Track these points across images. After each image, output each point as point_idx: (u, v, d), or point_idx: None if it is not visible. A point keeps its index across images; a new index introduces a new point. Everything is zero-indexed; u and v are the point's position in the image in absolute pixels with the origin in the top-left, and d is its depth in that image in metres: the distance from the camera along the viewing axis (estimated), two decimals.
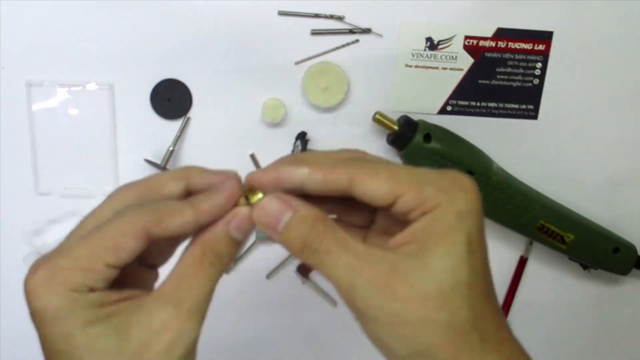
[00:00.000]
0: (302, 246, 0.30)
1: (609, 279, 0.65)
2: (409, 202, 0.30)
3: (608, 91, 0.60)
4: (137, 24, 0.55)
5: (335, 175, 0.31)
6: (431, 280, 0.29)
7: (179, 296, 0.30)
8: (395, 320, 0.29)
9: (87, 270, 0.29)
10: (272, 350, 0.64)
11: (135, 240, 0.29)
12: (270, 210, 0.31)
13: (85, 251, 0.29)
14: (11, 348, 0.62)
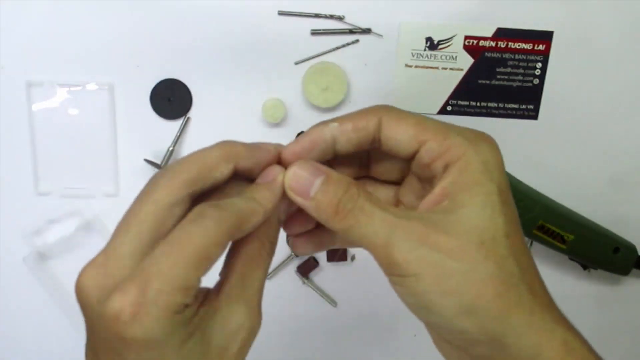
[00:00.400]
0: (335, 209, 0.29)
1: (609, 279, 0.65)
2: (434, 149, 0.29)
3: (608, 91, 0.60)
4: (137, 24, 0.55)
5: (364, 120, 0.30)
6: (472, 231, 0.28)
7: (248, 294, 0.29)
8: (440, 273, 0.27)
9: (186, 289, 0.26)
10: (272, 350, 0.64)
11: (222, 249, 0.28)
12: (301, 176, 0.30)
13: (181, 268, 0.26)
14: (11, 348, 0.62)
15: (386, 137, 0.30)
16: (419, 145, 0.30)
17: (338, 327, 0.63)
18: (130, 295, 0.25)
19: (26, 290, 0.60)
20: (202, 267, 0.27)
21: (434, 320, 0.29)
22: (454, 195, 0.28)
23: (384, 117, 0.30)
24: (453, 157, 0.29)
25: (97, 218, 0.59)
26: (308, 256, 0.61)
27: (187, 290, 0.26)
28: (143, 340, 0.25)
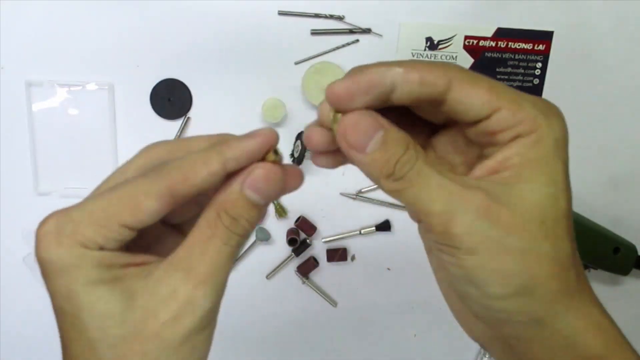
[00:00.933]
0: (392, 169, 0.27)
1: (609, 279, 0.65)
2: (506, 118, 0.27)
3: (608, 91, 0.60)
4: (137, 24, 0.55)
5: (434, 75, 0.27)
6: (535, 208, 0.26)
7: (190, 262, 0.27)
8: (497, 249, 0.26)
9: (99, 227, 0.26)
10: (272, 350, 0.64)
11: (157, 201, 0.26)
12: (361, 126, 0.27)
13: (101, 206, 0.27)
14: (11, 348, 0.62)
15: (456, 99, 0.27)
16: (490, 112, 0.27)
17: (338, 327, 0.63)
18: (51, 218, 0.27)
19: (26, 290, 0.60)
20: (126, 213, 0.26)
21: (477, 295, 0.27)
22: (520, 169, 0.27)
23: (456, 78, 0.27)
24: (525, 130, 0.27)
25: None
26: (308, 257, 0.61)
27: (101, 229, 0.26)
28: (48, 262, 0.26)
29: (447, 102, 0.28)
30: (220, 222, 0.27)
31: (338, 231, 0.61)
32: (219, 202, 0.28)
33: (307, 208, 0.60)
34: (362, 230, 0.61)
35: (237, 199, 0.28)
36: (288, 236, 0.60)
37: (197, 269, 0.27)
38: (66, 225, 0.26)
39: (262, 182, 0.28)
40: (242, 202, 0.28)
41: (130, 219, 0.26)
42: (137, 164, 0.29)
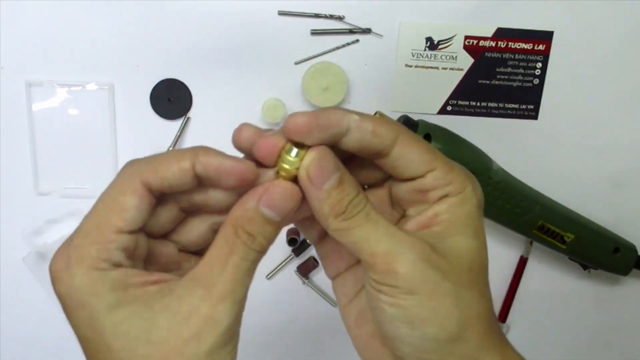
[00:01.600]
0: (344, 208, 0.28)
1: (609, 279, 0.65)
2: (439, 178, 0.30)
3: (608, 91, 0.60)
4: (137, 24, 0.55)
5: (385, 128, 0.29)
6: (464, 258, 0.29)
7: (210, 279, 0.27)
8: (435, 291, 0.28)
9: (99, 242, 0.27)
10: (272, 350, 0.64)
11: (135, 196, 0.27)
12: (324, 162, 0.28)
13: (92, 222, 0.27)
14: (11, 348, 0.62)
15: (399, 153, 0.30)
16: (426, 171, 0.30)
17: (338, 327, 0.63)
18: (58, 254, 0.27)
19: (26, 290, 0.60)
20: (116, 218, 0.27)
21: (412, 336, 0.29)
22: (449, 224, 0.30)
23: (402, 135, 0.30)
24: (454, 190, 0.30)
25: None
26: (308, 257, 0.61)
27: (103, 244, 0.26)
28: (66, 295, 0.26)
29: (390, 156, 0.30)
30: (238, 238, 0.28)
31: None
32: (235, 218, 0.28)
33: None
34: None
35: (253, 216, 0.28)
36: (288, 236, 0.60)
37: (217, 285, 0.27)
38: (72, 255, 0.27)
39: (278, 199, 0.28)
40: (259, 219, 0.28)
41: (119, 222, 0.27)
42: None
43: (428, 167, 0.30)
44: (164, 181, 0.28)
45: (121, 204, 0.27)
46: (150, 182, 0.27)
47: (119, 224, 0.27)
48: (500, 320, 0.65)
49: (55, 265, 0.27)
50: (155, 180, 0.27)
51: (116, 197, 0.27)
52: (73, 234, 0.28)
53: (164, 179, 0.27)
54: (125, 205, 0.27)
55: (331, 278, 0.35)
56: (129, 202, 0.27)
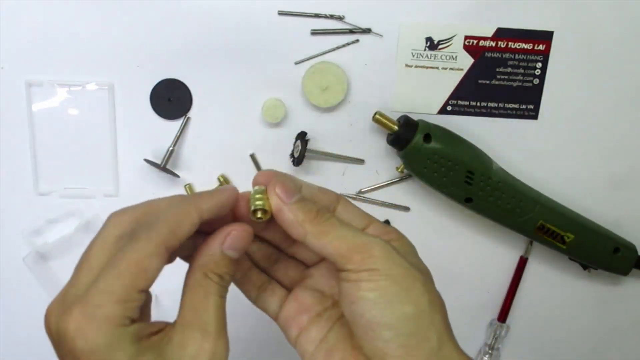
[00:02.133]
0: (314, 215, 0.34)
1: (609, 279, 0.65)
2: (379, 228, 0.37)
3: (608, 91, 0.60)
4: (137, 24, 0.55)
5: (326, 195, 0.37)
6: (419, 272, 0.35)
7: (201, 320, 0.31)
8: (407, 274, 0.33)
9: (125, 302, 0.29)
10: (272, 350, 0.64)
11: (159, 259, 0.30)
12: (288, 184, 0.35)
13: (118, 283, 0.29)
14: (11, 348, 0.62)
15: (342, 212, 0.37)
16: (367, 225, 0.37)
17: None
18: (74, 313, 0.29)
19: (26, 290, 0.60)
20: (139, 280, 0.29)
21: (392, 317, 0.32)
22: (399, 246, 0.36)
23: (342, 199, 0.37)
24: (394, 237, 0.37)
25: (97, 218, 0.59)
26: None
27: (126, 304, 0.29)
28: (90, 351, 0.28)
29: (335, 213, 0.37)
30: (210, 280, 0.32)
31: None
32: (203, 265, 0.33)
33: None
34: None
35: (220, 260, 0.33)
36: None
37: (209, 325, 0.32)
38: (96, 311, 0.28)
39: (239, 241, 0.33)
40: (225, 261, 0.33)
41: (143, 283, 0.30)
42: (113, 234, 0.32)
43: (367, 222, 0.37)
44: (180, 240, 0.31)
45: (147, 266, 0.30)
46: (170, 243, 0.31)
47: (142, 284, 0.30)
48: (500, 320, 0.65)
49: (74, 320, 0.28)
50: (174, 241, 0.31)
51: (142, 260, 0.29)
52: (91, 291, 0.29)
53: (180, 238, 0.31)
54: (151, 268, 0.30)
55: (294, 340, 0.39)
56: (155, 266, 0.30)
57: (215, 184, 0.59)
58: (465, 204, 0.57)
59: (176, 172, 0.58)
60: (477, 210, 0.58)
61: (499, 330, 0.65)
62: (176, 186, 0.59)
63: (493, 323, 0.65)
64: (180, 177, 0.59)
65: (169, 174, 0.58)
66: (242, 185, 0.59)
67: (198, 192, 0.36)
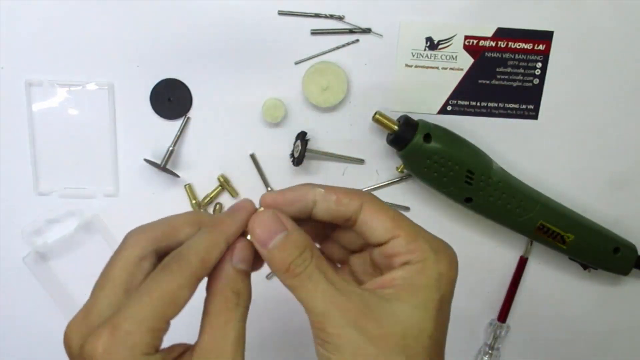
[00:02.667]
0: (286, 268, 0.32)
1: (609, 279, 0.65)
2: (401, 245, 0.33)
3: (608, 91, 0.60)
4: (136, 23, 0.55)
5: (348, 198, 0.33)
6: (398, 325, 0.31)
7: (220, 348, 0.31)
8: (358, 354, 0.31)
9: (154, 331, 0.29)
10: (272, 351, 0.64)
11: (190, 290, 0.30)
12: (266, 225, 0.33)
13: (149, 312, 0.29)
14: (11, 348, 0.62)
15: (363, 221, 0.34)
16: (390, 238, 0.33)
17: None
18: (103, 337, 0.28)
19: (26, 290, 0.60)
20: (170, 310, 0.30)
21: None
22: (400, 289, 0.32)
23: (366, 204, 0.34)
24: (414, 259, 0.32)
25: (97, 218, 0.59)
26: None
27: (155, 332, 0.29)
28: None
29: (357, 223, 0.34)
30: (231, 303, 0.32)
31: None
32: (221, 288, 0.32)
33: None
34: None
35: (234, 276, 0.33)
36: None
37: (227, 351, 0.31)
38: (126, 339, 0.29)
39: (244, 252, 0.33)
40: (239, 276, 0.33)
41: (173, 313, 0.30)
42: (134, 254, 0.32)
43: (391, 234, 0.33)
44: (210, 269, 0.32)
45: (179, 297, 0.30)
46: (201, 274, 0.31)
47: (171, 314, 0.30)
48: (500, 320, 0.65)
49: (103, 347, 0.28)
50: (204, 271, 0.31)
51: (174, 291, 0.30)
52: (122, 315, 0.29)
53: (210, 268, 0.32)
54: (183, 298, 0.30)
55: None
56: (186, 297, 0.30)
57: (215, 184, 0.59)
58: (465, 204, 0.57)
59: (176, 172, 0.58)
60: (477, 210, 0.58)
61: (499, 330, 0.65)
62: (176, 186, 0.59)
63: (493, 323, 0.66)
64: (180, 177, 0.59)
65: (169, 174, 0.58)
66: (242, 185, 0.60)
67: (219, 215, 0.35)
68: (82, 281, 0.33)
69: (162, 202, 0.59)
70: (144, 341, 0.29)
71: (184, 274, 0.30)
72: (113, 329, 0.29)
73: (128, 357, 0.28)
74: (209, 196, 0.59)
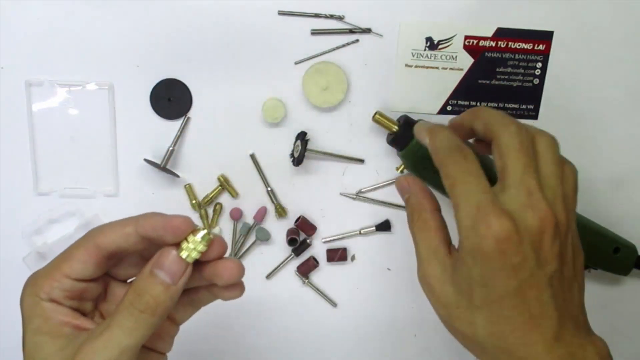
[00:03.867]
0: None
1: (609, 279, 0.65)
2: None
3: (608, 91, 0.60)
4: (137, 23, 0.55)
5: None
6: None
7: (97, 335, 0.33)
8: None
9: (48, 278, 0.34)
10: (272, 351, 0.64)
11: (85, 253, 0.34)
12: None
13: (53, 262, 0.35)
14: (11, 348, 0.62)
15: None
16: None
17: (338, 327, 0.63)
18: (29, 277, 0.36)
19: None
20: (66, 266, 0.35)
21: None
22: None
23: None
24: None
25: (97, 218, 0.59)
26: (308, 257, 0.61)
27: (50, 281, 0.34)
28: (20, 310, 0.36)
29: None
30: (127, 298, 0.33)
31: (338, 231, 0.61)
32: (132, 284, 0.34)
33: (307, 208, 0.60)
34: (362, 230, 0.61)
35: (143, 275, 0.34)
36: (288, 236, 0.60)
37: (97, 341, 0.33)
38: (31, 279, 0.36)
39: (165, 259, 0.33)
40: (146, 277, 0.33)
41: (67, 269, 0.34)
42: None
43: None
44: (112, 244, 0.34)
45: (72, 256, 0.34)
46: (101, 243, 0.34)
47: (66, 270, 0.34)
48: None
49: (25, 282, 0.36)
50: (104, 242, 0.34)
51: (71, 250, 0.35)
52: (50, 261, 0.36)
53: (112, 242, 0.34)
54: (74, 257, 0.34)
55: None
56: (78, 257, 0.34)
57: (215, 184, 0.59)
58: None
59: (176, 172, 0.58)
60: None
61: None
62: (176, 186, 0.59)
63: None
64: (180, 177, 0.59)
65: (169, 174, 0.58)
66: (242, 185, 0.60)
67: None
68: None
69: (162, 202, 0.59)
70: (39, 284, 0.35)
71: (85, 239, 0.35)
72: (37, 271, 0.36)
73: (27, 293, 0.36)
74: (209, 196, 0.59)
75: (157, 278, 0.33)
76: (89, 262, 0.34)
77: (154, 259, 0.33)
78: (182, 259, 0.33)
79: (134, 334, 0.32)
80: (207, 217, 0.60)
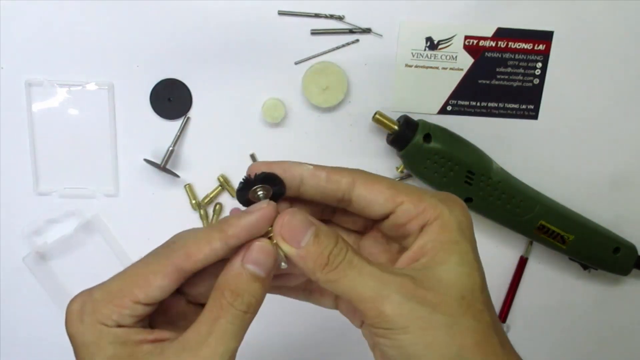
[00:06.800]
0: (326, 259, 0.30)
1: (609, 279, 0.65)
2: (409, 210, 0.31)
3: (608, 91, 0.60)
4: (137, 24, 0.55)
5: (339, 175, 0.32)
6: (453, 287, 0.30)
7: (200, 342, 0.29)
8: (427, 326, 0.29)
9: (115, 305, 0.30)
10: (272, 352, 0.64)
11: (165, 278, 0.30)
12: (294, 224, 0.30)
13: (116, 286, 0.30)
14: (11, 348, 0.62)
15: (360, 196, 0.32)
16: (394, 207, 0.31)
17: (338, 327, 0.63)
18: (77, 300, 0.30)
19: (26, 290, 0.60)
20: (138, 291, 0.30)
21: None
22: (433, 253, 0.30)
23: (359, 178, 0.32)
24: (430, 218, 0.31)
25: (97, 218, 0.59)
26: None
27: (118, 307, 0.30)
28: (73, 338, 0.30)
29: (352, 200, 0.32)
30: (225, 300, 0.30)
31: None
32: (222, 282, 0.30)
33: None
34: None
35: (239, 274, 0.30)
36: None
37: (203, 350, 0.29)
38: (88, 305, 0.30)
39: (260, 254, 0.30)
40: (245, 277, 0.30)
41: (141, 296, 0.30)
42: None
43: (393, 202, 0.31)
44: (196, 264, 0.30)
45: (150, 281, 0.30)
46: (184, 266, 0.30)
47: (140, 296, 0.30)
48: (501, 320, 0.65)
49: (72, 307, 0.30)
50: (188, 265, 0.30)
51: (147, 274, 0.30)
52: (99, 285, 0.31)
53: (196, 263, 0.30)
54: (152, 284, 0.30)
55: (359, 327, 0.36)
56: (157, 283, 0.30)
57: (215, 184, 0.59)
58: (465, 203, 0.57)
59: (176, 172, 0.58)
60: (477, 210, 0.58)
61: None
62: (176, 186, 0.59)
63: None
64: (180, 177, 0.59)
65: (169, 174, 0.58)
66: None
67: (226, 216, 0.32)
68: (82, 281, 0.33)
69: (162, 202, 0.59)
70: (103, 311, 0.29)
71: (162, 260, 0.30)
72: (87, 293, 0.30)
73: (88, 321, 0.30)
74: (209, 196, 0.59)
75: (253, 274, 0.30)
76: (168, 287, 0.30)
77: (244, 253, 0.30)
78: (272, 248, 0.30)
79: (240, 335, 0.31)
80: (207, 217, 0.60)
